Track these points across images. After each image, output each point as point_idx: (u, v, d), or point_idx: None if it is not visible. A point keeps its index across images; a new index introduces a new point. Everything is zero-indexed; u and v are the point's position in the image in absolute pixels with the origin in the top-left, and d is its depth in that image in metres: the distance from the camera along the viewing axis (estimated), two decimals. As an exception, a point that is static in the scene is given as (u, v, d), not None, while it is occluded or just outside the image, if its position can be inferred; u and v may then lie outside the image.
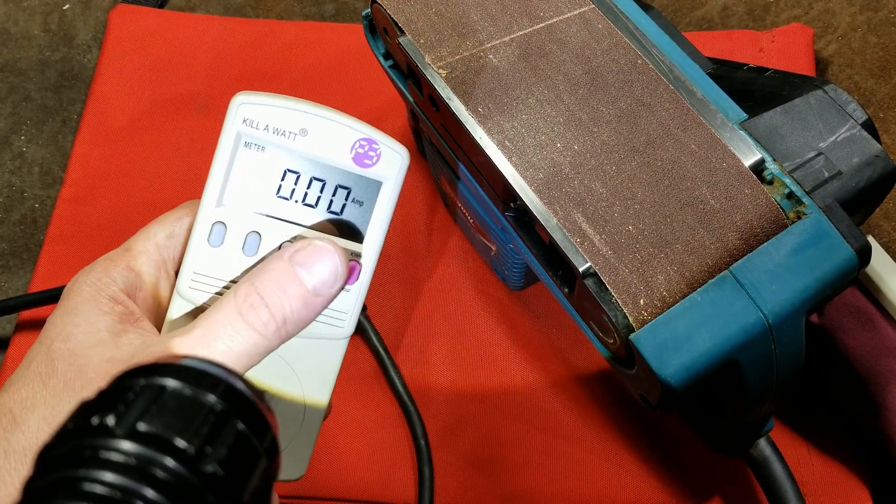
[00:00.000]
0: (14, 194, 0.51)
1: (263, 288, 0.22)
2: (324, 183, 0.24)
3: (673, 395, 0.27)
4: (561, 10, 0.35)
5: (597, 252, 0.29)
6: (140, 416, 0.16)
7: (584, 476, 0.41)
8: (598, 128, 0.31)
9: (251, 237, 0.24)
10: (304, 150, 0.24)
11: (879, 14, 0.53)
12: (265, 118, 0.23)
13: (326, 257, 0.23)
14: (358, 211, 0.25)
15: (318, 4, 0.57)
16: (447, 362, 0.44)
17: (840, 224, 0.29)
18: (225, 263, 0.24)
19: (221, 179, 0.24)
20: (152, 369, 0.18)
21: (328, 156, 0.24)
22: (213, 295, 0.25)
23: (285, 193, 0.24)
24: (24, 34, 0.57)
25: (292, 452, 0.27)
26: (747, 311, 0.28)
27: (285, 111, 0.23)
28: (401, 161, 0.25)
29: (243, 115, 0.23)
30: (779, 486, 0.33)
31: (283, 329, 0.23)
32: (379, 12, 0.35)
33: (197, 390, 0.17)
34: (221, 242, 0.24)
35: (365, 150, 0.24)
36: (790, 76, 0.34)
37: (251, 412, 0.18)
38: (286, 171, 0.24)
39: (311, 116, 0.24)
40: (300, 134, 0.24)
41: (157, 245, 0.26)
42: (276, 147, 0.24)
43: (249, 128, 0.23)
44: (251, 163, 0.24)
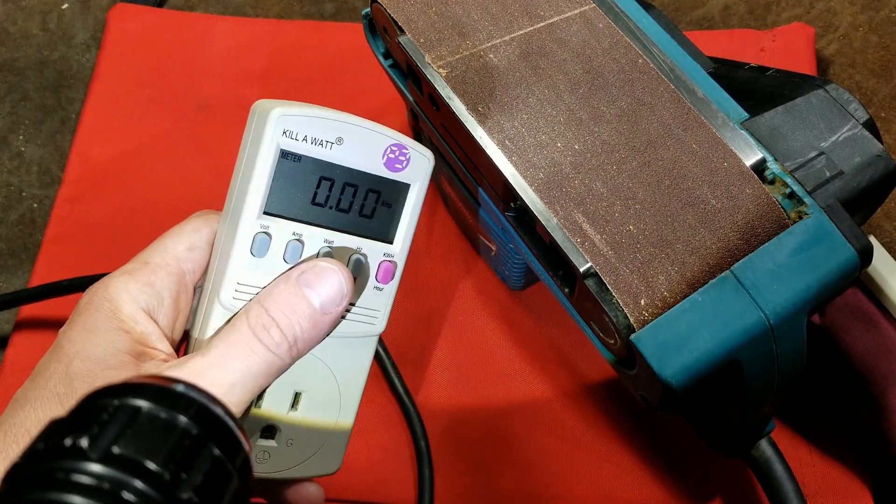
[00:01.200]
0: (12, 194, 0.51)
1: (274, 309, 0.23)
2: (356, 188, 0.25)
3: (673, 395, 0.27)
4: (561, 9, 0.34)
5: (597, 252, 0.29)
6: (115, 439, 0.16)
7: (584, 476, 0.41)
8: (598, 127, 0.31)
9: (292, 245, 0.25)
10: (340, 158, 0.25)
11: (881, 13, 0.53)
12: (304, 129, 0.24)
13: (332, 277, 0.24)
14: (387, 213, 0.26)
15: (317, 4, 0.57)
16: (447, 362, 0.44)
17: (841, 224, 0.29)
18: (268, 273, 0.25)
19: (263, 189, 0.24)
20: (125, 389, 0.17)
21: (362, 162, 0.25)
22: None
23: (321, 200, 0.25)
24: (22, 33, 0.56)
25: (328, 449, 0.27)
26: (748, 312, 0.28)
27: (322, 122, 0.24)
28: (427, 164, 0.26)
29: (283, 127, 0.24)
30: (780, 486, 0.33)
31: (295, 348, 0.23)
32: (379, 11, 0.35)
33: (171, 413, 0.17)
34: (266, 253, 0.24)
35: (396, 156, 0.25)
36: (791, 75, 0.34)
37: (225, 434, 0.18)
38: (321, 179, 0.25)
39: (345, 125, 0.24)
40: (336, 143, 0.24)
41: (176, 258, 0.26)
42: (312, 156, 0.24)
43: (289, 139, 0.24)
44: (289, 173, 0.24)
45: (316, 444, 0.27)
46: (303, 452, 0.27)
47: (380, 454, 0.42)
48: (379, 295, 0.27)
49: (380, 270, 0.26)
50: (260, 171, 0.24)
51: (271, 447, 0.26)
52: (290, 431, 0.26)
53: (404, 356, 0.44)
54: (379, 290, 0.26)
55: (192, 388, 0.18)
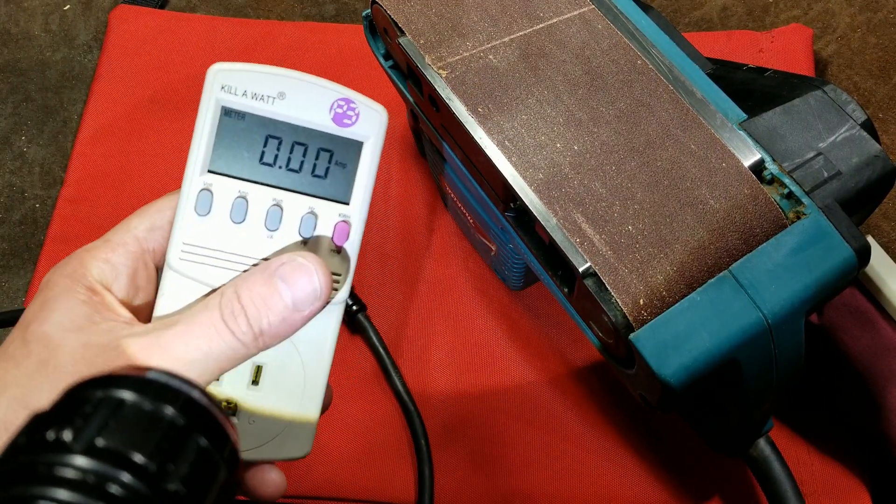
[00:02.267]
0: (15, 194, 0.51)
1: (245, 297, 0.23)
2: (306, 147, 0.25)
3: (673, 394, 0.27)
4: (561, 10, 0.35)
5: (596, 252, 0.29)
6: (98, 432, 0.16)
7: (584, 476, 0.41)
8: (597, 128, 0.32)
9: (238, 203, 0.24)
10: (284, 113, 0.24)
11: (879, 14, 0.53)
12: (243, 84, 0.24)
13: (309, 275, 0.23)
14: (342, 173, 0.25)
15: (318, 5, 0.57)
16: (447, 362, 0.44)
17: (839, 224, 0.30)
18: (214, 232, 0.24)
19: (204, 148, 0.24)
20: (109, 381, 0.17)
21: (308, 117, 0.24)
22: (205, 266, 0.24)
23: (269, 160, 0.24)
24: (24, 35, 0.57)
25: (295, 430, 0.26)
26: (747, 311, 0.28)
27: (262, 75, 0.24)
28: (380, 119, 0.25)
29: (221, 82, 0.24)
30: (778, 485, 0.33)
31: (261, 339, 0.23)
32: (379, 13, 0.35)
33: (156, 403, 0.17)
34: (209, 211, 0.24)
35: (343, 110, 0.24)
36: (789, 76, 0.35)
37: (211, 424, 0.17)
38: (268, 137, 0.24)
39: (287, 79, 0.24)
40: (278, 97, 0.24)
41: (136, 237, 0.26)
42: (255, 113, 0.24)
43: (228, 94, 0.24)
44: (233, 130, 0.24)
45: (280, 423, 0.26)
46: (267, 432, 0.26)
47: (380, 453, 0.42)
48: (338, 258, 0.25)
49: (335, 231, 0.25)
50: (201, 128, 0.24)
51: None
52: (252, 407, 0.26)
53: (404, 356, 0.44)
54: (336, 253, 0.25)
55: (176, 379, 0.18)
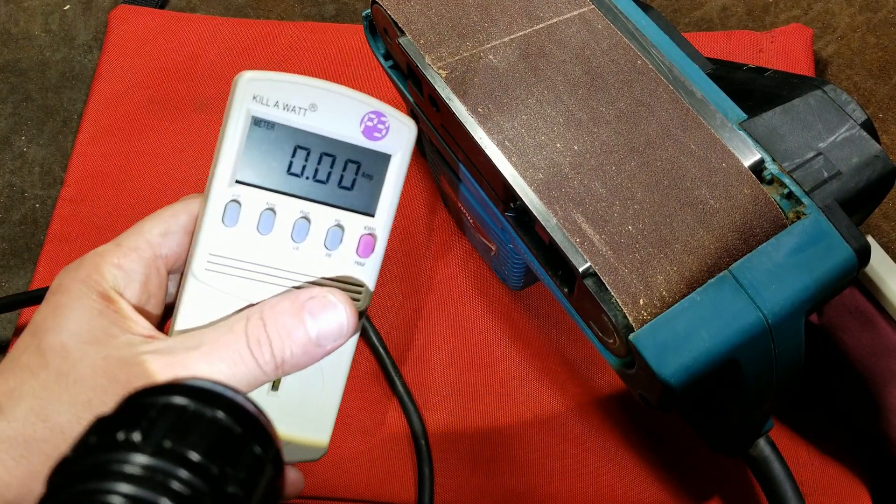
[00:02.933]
0: (15, 194, 0.51)
1: (271, 327, 0.23)
2: (334, 158, 0.25)
3: (673, 394, 0.27)
4: (561, 10, 0.35)
5: (596, 252, 0.29)
6: (165, 434, 0.17)
7: (584, 476, 0.41)
8: (597, 128, 0.32)
9: (266, 215, 0.24)
10: (314, 125, 0.24)
11: (879, 14, 0.53)
12: (275, 94, 0.23)
13: (337, 313, 0.24)
14: (368, 185, 0.25)
15: (318, 5, 0.57)
16: (447, 362, 0.44)
17: (839, 224, 0.30)
18: (240, 243, 0.24)
19: (233, 158, 0.24)
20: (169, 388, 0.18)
21: (338, 130, 0.24)
22: (230, 276, 0.24)
23: (296, 170, 0.24)
24: (24, 34, 0.57)
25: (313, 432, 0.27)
26: (747, 311, 0.28)
27: (295, 86, 0.23)
28: (409, 133, 0.26)
29: (253, 92, 0.23)
30: (778, 485, 0.33)
31: (281, 369, 0.23)
32: (379, 13, 0.35)
33: (214, 411, 0.18)
34: (237, 222, 0.24)
35: (374, 124, 0.25)
36: (789, 76, 0.35)
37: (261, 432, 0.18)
38: (296, 148, 0.24)
39: (320, 91, 0.24)
40: (310, 109, 0.24)
41: (149, 242, 0.26)
42: (285, 123, 0.24)
43: (259, 104, 0.23)
44: (262, 140, 0.24)
45: (299, 427, 0.27)
46: (288, 434, 0.26)
47: (380, 453, 0.42)
48: (360, 270, 0.26)
49: (360, 244, 0.26)
50: (231, 139, 0.23)
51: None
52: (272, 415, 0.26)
53: (404, 356, 0.44)
54: (360, 266, 0.26)
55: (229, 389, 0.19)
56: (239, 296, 0.25)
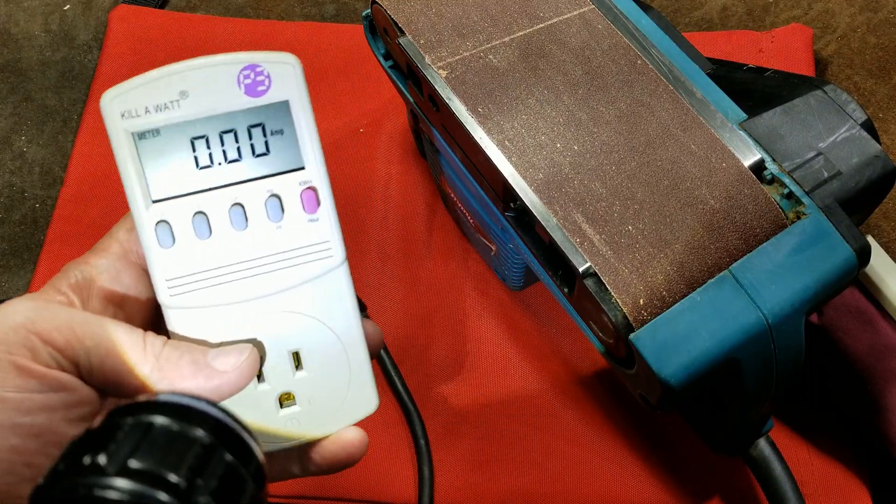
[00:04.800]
0: (15, 194, 0.51)
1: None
2: (234, 132, 0.23)
3: (673, 394, 0.27)
4: (561, 10, 0.35)
5: (597, 252, 0.29)
6: (131, 454, 0.17)
7: (584, 476, 0.41)
8: (597, 128, 0.32)
9: (197, 220, 0.23)
10: (195, 110, 0.22)
11: (879, 14, 0.53)
12: (140, 101, 0.22)
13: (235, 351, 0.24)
14: (283, 140, 0.24)
15: (318, 5, 0.57)
16: (447, 362, 0.44)
17: (839, 224, 0.30)
18: (188, 257, 0.23)
19: (136, 181, 0.23)
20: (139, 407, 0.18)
21: (221, 103, 0.23)
22: (197, 291, 0.24)
23: (205, 162, 0.23)
24: (24, 34, 0.57)
25: (357, 389, 0.26)
26: (747, 311, 0.28)
27: (153, 83, 0.22)
28: (294, 70, 0.24)
29: (119, 110, 0.22)
30: (778, 485, 0.33)
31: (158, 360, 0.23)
32: (379, 13, 0.35)
33: (183, 425, 0.18)
34: (173, 240, 0.23)
35: (252, 78, 0.23)
36: (790, 76, 0.35)
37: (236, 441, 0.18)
38: (192, 141, 0.23)
39: (181, 75, 0.22)
40: (181, 98, 0.22)
41: (118, 240, 0.26)
42: (167, 123, 0.23)
43: (131, 119, 0.22)
44: (155, 151, 0.23)
45: (340, 392, 0.26)
46: (331, 404, 0.26)
47: (380, 453, 0.42)
48: (317, 225, 0.24)
49: (304, 200, 0.24)
50: (124, 163, 0.23)
51: (296, 412, 0.25)
52: (307, 390, 0.25)
53: (404, 356, 0.44)
54: (315, 221, 0.24)
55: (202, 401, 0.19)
56: (218, 303, 0.24)
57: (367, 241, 0.47)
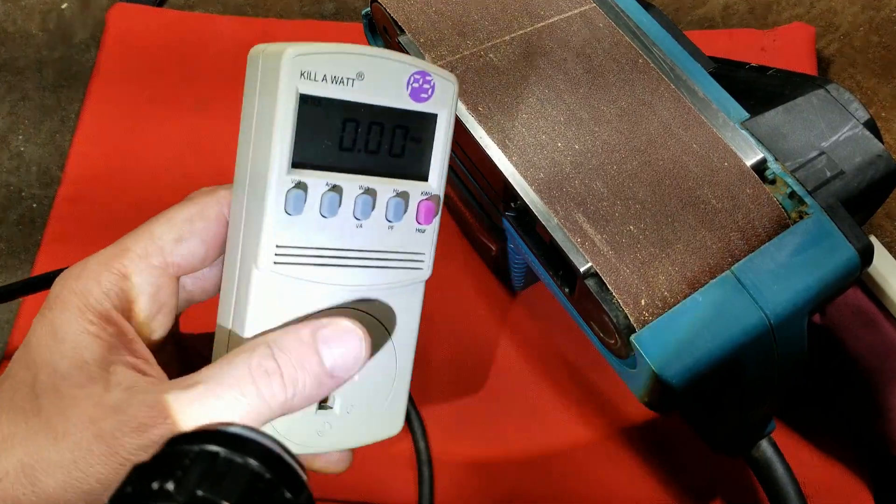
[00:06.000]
0: (12, 194, 0.51)
1: (282, 357, 0.21)
2: (382, 126, 0.23)
3: (674, 395, 0.27)
4: (562, 8, 0.34)
5: (598, 252, 0.28)
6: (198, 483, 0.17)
7: (584, 476, 0.41)
8: (599, 127, 0.31)
9: (328, 197, 0.23)
10: (363, 95, 0.23)
11: (882, 13, 0.53)
12: (322, 68, 0.22)
13: (352, 341, 0.22)
14: (417, 148, 0.24)
15: (317, 3, 0.57)
16: (447, 362, 0.44)
17: (842, 224, 0.29)
18: (306, 230, 0.23)
19: (289, 141, 0.22)
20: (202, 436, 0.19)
21: (386, 96, 0.23)
22: (296, 266, 0.23)
23: (348, 144, 0.23)
24: (22, 33, 0.56)
25: (390, 408, 0.26)
26: (749, 312, 0.28)
27: (340, 56, 0.22)
28: (452, 89, 0.24)
29: (301, 68, 0.22)
30: (780, 487, 0.33)
31: (289, 403, 0.22)
32: (379, 11, 0.35)
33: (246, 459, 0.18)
34: (302, 209, 0.22)
35: (420, 84, 0.23)
36: (792, 75, 0.34)
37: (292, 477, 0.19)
38: (345, 122, 0.23)
39: (364, 58, 0.22)
40: (357, 79, 0.22)
41: (160, 249, 0.24)
42: (334, 97, 0.22)
43: (308, 81, 0.22)
44: (312, 119, 0.22)
45: (376, 405, 0.25)
46: (365, 417, 0.25)
47: (380, 454, 0.42)
48: (422, 237, 0.25)
49: (420, 211, 0.24)
50: (282, 122, 0.22)
51: (332, 418, 0.25)
52: (349, 397, 0.25)
53: (404, 356, 0.44)
54: (421, 232, 0.25)
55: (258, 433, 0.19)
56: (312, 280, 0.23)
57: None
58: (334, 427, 0.25)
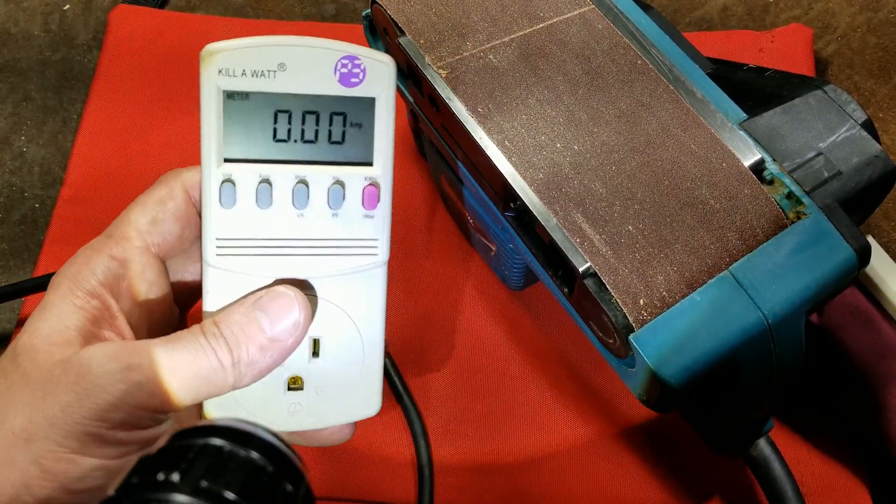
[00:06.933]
0: (14, 194, 0.51)
1: (224, 324, 0.23)
2: (317, 114, 0.24)
3: (673, 394, 0.27)
4: (561, 10, 0.35)
5: (597, 252, 0.29)
6: (203, 475, 0.18)
7: (584, 476, 0.41)
8: (597, 128, 0.32)
9: (262, 188, 0.24)
10: (288, 85, 0.23)
11: (879, 14, 0.53)
12: (240, 63, 0.23)
13: (286, 305, 0.23)
14: (359, 134, 0.24)
15: (318, 5, 0.57)
16: (447, 362, 0.44)
17: (840, 224, 0.30)
18: (243, 222, 0.24)
19: (215, 137, 0.23)
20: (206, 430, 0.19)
21: (313, 84, 0.23)
22: (243, 257, 0.24)
23: (283, 136, 0.24)
24: (24, 34, 0.57)
25: (362, 391, 0.27)
26: (747, 312, 0.28)
27: (259, 49, 0.23)
28: (388, 70, 0.24)
29: (218, 66, 0.23)
30: (778, 485, 0.33)
31: (238, 367, 0.23)
32: (379, 13, 0.35)
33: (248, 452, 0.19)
34: (234, 201, 0.24)
35: (349, 69, 0.23)
36: (790, 76, 0.35)
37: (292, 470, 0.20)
38: (277, 113, 0.23)
39: (286, 49, 0.23)
40: (279, 70, 0.23)
41: (138, 231, 0.25)
42: (259, 90, 0.23)
43: (227, 77, 0.23)
44: (239, 113, 0.23)
45: (347, 388, 0.26)
46: (335, 399, 0.26)
47: (380, 454, 0.42)
48: (371, 222, 0.25)
49: (364, 196, 0.25)
50: (208, 118, 0.23)
51: (302, 398, 0.26)
52: (317, 380, 0.26)
53: (404, 356, 0.44)
54: (370, 218, 0.25)
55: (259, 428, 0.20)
56: (257, 273, 0.24)
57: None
58: (305, 407, 0.26)
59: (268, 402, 0.25)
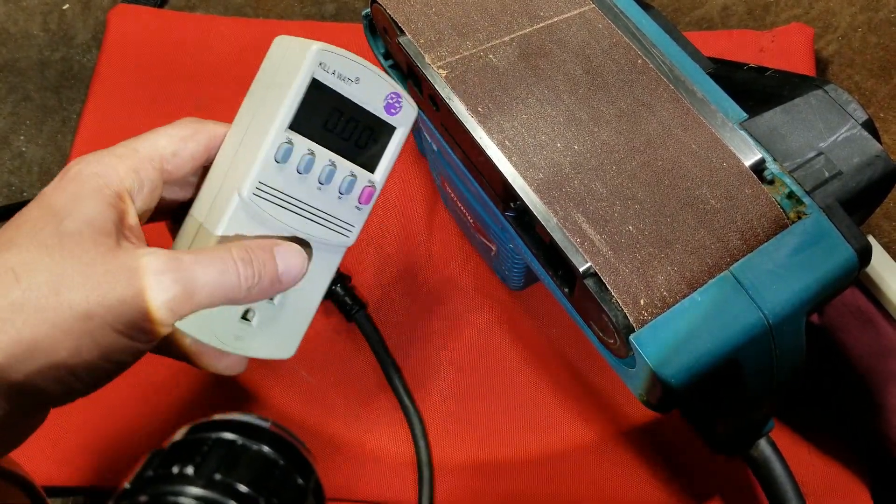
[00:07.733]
0: (13, 194, 0.51)
1: (253, 253, 0.28)
2: (357, 123, 0.30)
3: (673, 394, 0.27)
4: (561, 9, 0.35)
5: (597, 252, 0.29)
6: (216, 468, 0.18)
7: (584, 476, 0.41)
8: (598, 127, 0.31)
9: (307, 158, 0.29)
10: (354, 94, 0.30)
11: (880, 14, 0.53)
12: (334, 64, 0.29)
13: (298, 258, 0.30)
14: (375, 148, 0.31)
15: (318, 4, 0.57)
16: (447, 362, 0.44)
17: (840, 224, 0.29)
18: (283, 178, 0.29)
19: (293, 109, 0.29)
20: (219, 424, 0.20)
21: (368, 101, 0.30)
22: (268, 203, 0.29)
23: (331, 127, 0.30)
24: (23, 34, 0.57)
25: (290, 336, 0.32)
26: (748, 312, 0.28)
27: (348, 61, 0.29)
28: (413, 113, 0.32)
29: (321, 60, 0.28)
30: (779, 486, 0.33)
31: (252, 290, 0.28)
32: (379, 12, 0.35)
33: (260, 445, 0.20)
34: (287, 160, 0.29)
35: (393, 102, 0.31)
36: (790, 76, 0.34)
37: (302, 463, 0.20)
38: (333, 110, 0.30)
39: (364, 68, 0.30)
40: (355, 81, 0.29)
41: (161, 156, 0.29)
42: (334, 88, 0.29)
43: (322, 70, 0.29)
44: (314, 99, 0.29)
45: (279, 331, 0.31)
46: (269, 337, 0.31)
47: (380, 454, 0.42)
48: (357, 213, 0.32)
49: (363, 193, 0.31)
50: (293, 93, 0.28)
51: (248, 328, 0.30)
52: (264, 318, 0.31)
53: (404, 356, 0.44)
54: (358, 210, 0.31)
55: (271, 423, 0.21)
56: (272, 218, 0.29)
57: (368, 240, 0.47)
58: (247, 336, 0.31)
59: (224, 324, 0.30)
